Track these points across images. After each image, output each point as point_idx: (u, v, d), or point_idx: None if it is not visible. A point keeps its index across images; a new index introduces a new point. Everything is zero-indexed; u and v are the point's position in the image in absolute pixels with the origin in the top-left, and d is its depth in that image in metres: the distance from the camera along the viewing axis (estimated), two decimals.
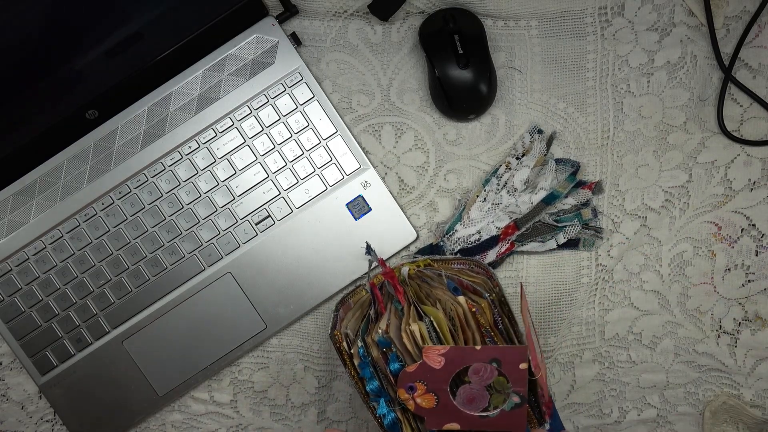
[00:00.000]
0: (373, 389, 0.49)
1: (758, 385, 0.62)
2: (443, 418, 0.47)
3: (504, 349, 0.46)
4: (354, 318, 0.52)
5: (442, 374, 0.46)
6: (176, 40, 0.59)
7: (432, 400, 0.47)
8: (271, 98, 0.61)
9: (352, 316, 0.53)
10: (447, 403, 0.47)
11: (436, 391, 0.47)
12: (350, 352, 0.50)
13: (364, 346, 0.48)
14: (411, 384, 0.47)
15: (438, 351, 0.46)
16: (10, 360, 0.63)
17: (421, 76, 0.62)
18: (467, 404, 0.47)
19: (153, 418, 0.64)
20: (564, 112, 0.62)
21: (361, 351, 0.48)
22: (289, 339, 0.63)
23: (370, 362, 0.49)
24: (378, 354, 0.48)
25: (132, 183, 0.61)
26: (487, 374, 0.46)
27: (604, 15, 0.61)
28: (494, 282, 0.52)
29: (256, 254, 0.61)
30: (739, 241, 0.61)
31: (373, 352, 0.48)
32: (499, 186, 0.60)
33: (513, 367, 0.46)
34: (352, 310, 0.54)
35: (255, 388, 0.64)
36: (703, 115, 0.61)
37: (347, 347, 0.50)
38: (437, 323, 0.47)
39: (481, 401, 0.47)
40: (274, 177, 0.61)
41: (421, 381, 0.47)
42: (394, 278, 0.51)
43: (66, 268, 0.61)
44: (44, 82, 0.56)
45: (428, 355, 0.46)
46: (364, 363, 0.49)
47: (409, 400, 0.47)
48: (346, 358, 0.50)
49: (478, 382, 0.47)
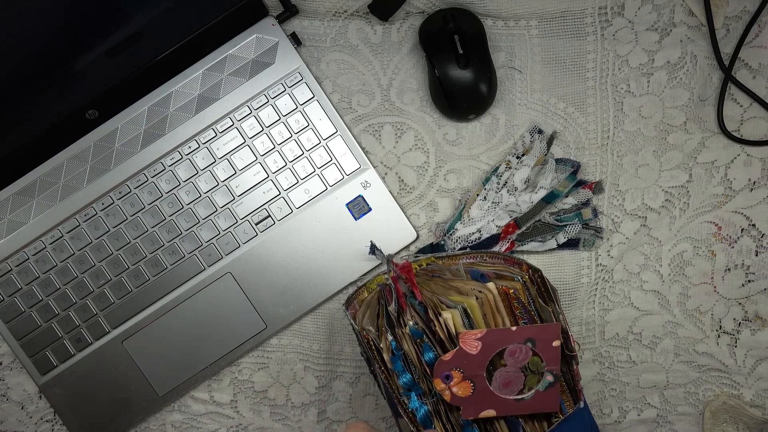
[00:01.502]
0: (405, 383, 0.48)
1: (758, 385, 0.62)
2: (479, 405, 0.47)
3: (538, 327, 0.47)
4: (366, 317, 0.52)
5: (479, 359, 0.46)
6: (176, 40, 0.59)
7: (468, 387, 0.47)
8: (271, 98, 0.61)
9: (362, 316, 0.53)
10: (483, 389, 0.47)
11: (473, 378, 0.46)
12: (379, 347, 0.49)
13: (395, 339, 0.48)
14: (447, 373, 0.46)
15: (475, 335, 0.46)
16: (10, 360, 0.63)
17: (421, 76, 0.62)
18: (504, 388, 0.47)
19: (153, 418, 0.64)
20: (564, 112, 0.62)
21: (393, 344, 0.48)
22: (289, 339, 0.63)
23: (402, 356, 0.48)
24: (410, 346, 0.48)
25: (132, 183, 0.61)
26: (522, 355, 0.46)
27: (604, 15, 0.61)
28: (523, 266, 0.52)
29: (256, 254, 0.61)
30: (739, 241, 0.61)
31: (405, 344, 0.48)
32: (499, 185, 0.60)
33: (547, 345, 0.47)
34: (360, 311, 0.54)
35: (255, 388, 0.64)
36: (703, 115, 0.61)
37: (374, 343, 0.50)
38: (470, 309, 0.47)
39: (517, 384, 0.47)
40: (274, 177, 0.61)
41: (457, 369, 0.46)
42: (410, 272, 0.51)
43: (66, 268, 0.61)
44: (44, 82, 0.56)
45: (465, 341, 0.46)
46: (396, 357, 0.48)
47: (445, 390, 0.46)
48: (375, 354, 0.49)
49: (514, 364, 0.47)
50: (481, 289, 0.49)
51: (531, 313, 0.49)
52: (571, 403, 0.50)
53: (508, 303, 0.49)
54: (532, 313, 0.49)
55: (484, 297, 0.48)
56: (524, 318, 0.48)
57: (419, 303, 0.49)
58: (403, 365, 0.48)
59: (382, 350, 0.49)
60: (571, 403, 0.50)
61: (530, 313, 0.49)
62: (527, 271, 0.51)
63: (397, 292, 0.50)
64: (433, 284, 0.52)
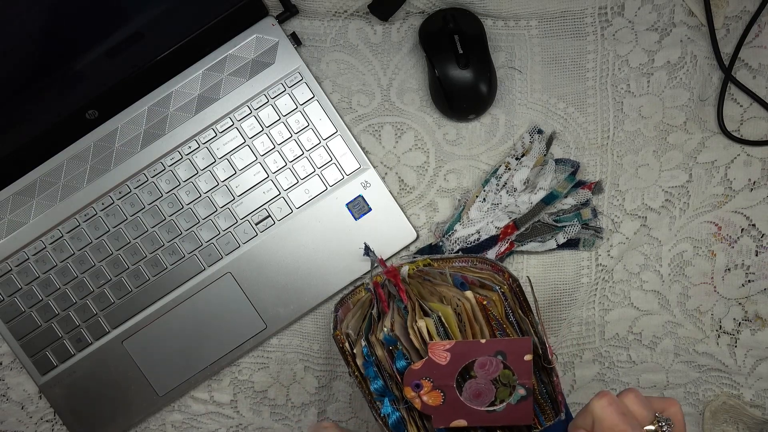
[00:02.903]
0: (377, 389, 0.48)
1: (758, 385, 0.62)
2: (450, 415, 0.47)
3: (509, 341, 0.46)
4: (354, 318, 0.52)
5: (448, 370, 0.46)
6: (176, 40, 0.59)
7: (439, 397, 0.47)
8: (271, 98, 0.61)
9: (352, 317, 0.53)
10: (454, 399, 0.47)
11: (443, 388, 0.46)
12: (353, 352, 0.50)
13: (368, 345, 0.48)
14: (417, 381, 0.46)
15: (443, 346, 0.46)
16: (10, 360, 0.63)
17: (421, 76, 0.62)
18: (474, 399, 0.47)
19: (153, 418, 0.64)
20: (564, 112, 0.62)
21: (365, 350, 0.48)
22: (289, 339, 0.63)
23: (374, 361, 0.49)
24: (383, 353, 0.48)
25: (132, 183, 0.61)
26: (492, 368, 0.46)
27: (604, 15, 0.61)
28: (505, 274, 0.52)
29: (256, 254, 0.61)
30: (739, 241, 0.61)
31: (377, 351, 0.48)
32: (498, 186, 0.60)
33: (518, 359, 0.46)
34: (351, 311, 0.54)
35: (255, 388, 0.64)
36: (703, 115, 0.61)
37: (350, 347, 0.50)
38: (445, 318, 0.47)
39: (488, 395, 0.47)
40: (274, 177, 0.61)
41: (427, 378, 0.46)
42: (396, 276, 0.51)
43: (66, 268, 0.61)
44: (44, 81, 0.56)
45: (434, 351, 0.46)
46: (368, 362, 0.49)
47: (415, 398, 0.47)
48: (349, 358, 0.50)
49: (484, 376, 0.47)
50: (460, 297, 0.48)
51: (504, 326, 0.48)
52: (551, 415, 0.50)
53: (484, 313, 0.48)
54: (504, 326, 0.48)
55: (462, 306, 0.48)
56: (499, 329, 0.48)
57: (404, 307, 0.49)
58: (375, 371, 0.48)
59: (356, 355, 0.49)
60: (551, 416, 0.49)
61: (503, 326, 0.48)
62: (508, 280, 0.51)
63: (379, 296, 0.51)
64: (423, 288, 0.52)
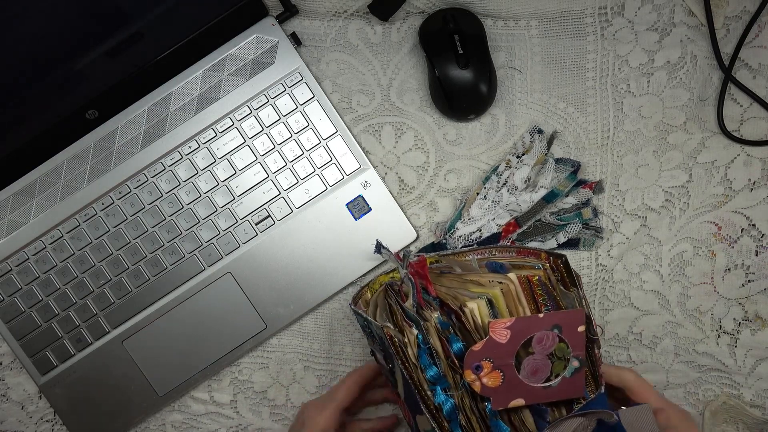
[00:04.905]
0: (432, 376, 0.47)
1: (758, 385, 0.62)
2: (509, 395, 0.46)
3: (564, 313, 0.46)
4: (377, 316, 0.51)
5: (508, 348, 0.46)
6: (176, 40, 0.59)
7: (498, 377, 0.46)
8: (271, 98, 0.61)
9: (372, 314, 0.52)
10: (512, 378, 0.46)
11: (502, 368, 0.46)
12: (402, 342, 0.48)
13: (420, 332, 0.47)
14: (478, 363, 0.45)
15: (504, 324, 0.45)
16: (10, 360, 0.63)
17: (421, 76, 0.62)
18: (532, 376, 0.46)
19: (153, 418, 0.64)
20: (564, 112, 0.62)
21: (419, 337, 0.47)
22: (289, 339, 0.63)
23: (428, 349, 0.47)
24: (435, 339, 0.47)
25: (132, 183, 0.61)
26: (549, 342, 0.46)
27: (604, 15, 0.61)
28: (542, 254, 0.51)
29: (256, 254, 0.61)
30: (739, 241, 0.61)
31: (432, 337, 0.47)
32: (499, 184, 0.60)
33: (572, 330, 0.46)
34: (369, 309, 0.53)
35: (255, 388, 0.64)
36: (703, 115, 0.61)
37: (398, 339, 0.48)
38: (495, 299, 0.47)
39: (545, 371, 0.47)
40: (274, 177, 0.61)
41: (487, 359, 0.46)
42: (425, 267, 0.50)
43: (66, 268, 0.61)
44: (44, 82, 0.56)
45: (494, 329, 0.45)
46: (422, 350, 0.47)
47: (475, 381, 0.46)
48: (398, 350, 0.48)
49: (541, 351, 0.46)
50: (502, 279, 0.48)
51: (556, 299, 0.48)
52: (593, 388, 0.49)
53: (530, 291, 0.48)
54: (557, 299, 0.48)
55: (506, 287, 0.48)
56: (548, 305, 0.48)
57: (433, 298, 0.49)
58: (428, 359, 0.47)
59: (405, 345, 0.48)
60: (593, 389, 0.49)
61: (555, 299, 0.48)
62: (547, 259, 0.51)
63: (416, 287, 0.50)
64: (445, 280, 0.51)
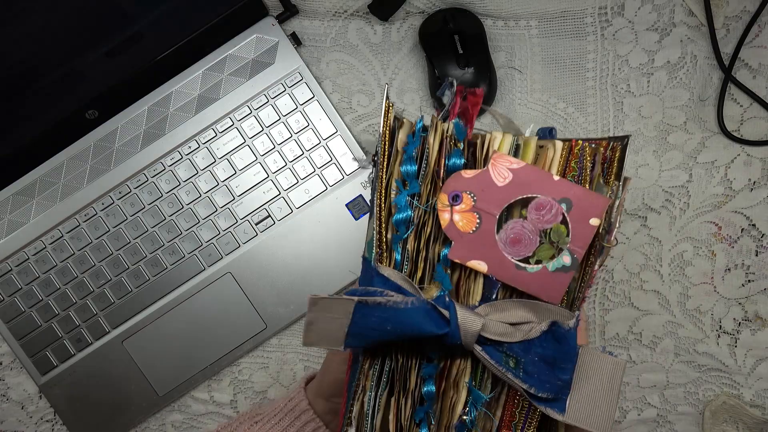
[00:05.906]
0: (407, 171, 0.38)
1: (758, 385, 0.62)
2: (472, 250, 0.38)
3: (584, 191, 0.37)
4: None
5: (501, 195, 0.38)
6: (176, 40, 0.59)
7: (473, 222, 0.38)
8: (271, 98, 0.61)
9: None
10: (486, 233, 0.38)
11: (482, 213, 0.38)
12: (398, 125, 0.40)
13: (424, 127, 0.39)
14: (458, 192, 0.38)
15: (510, 163, 0.38)
16: (10, 360, 0.63)
17: (421, 76, 0.62)
18: (510, 245, 0.38)
19: (153, 418, 0.64)
20: (564, 112, 0.62)
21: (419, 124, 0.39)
22: (289, 339, 0.63)
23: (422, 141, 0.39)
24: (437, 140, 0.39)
25: (132, 183, 0.61)
26: (550, 215, 0.37)
27: (604, 15, 0.61)
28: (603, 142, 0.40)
29: (256, 254, 0.61)
30: (739, 241, 0.61)
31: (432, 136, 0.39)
32: None
33: (582, 217, 0.37)
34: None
35: (255, 388, 0.64)
36: (703, 115, 0.61)
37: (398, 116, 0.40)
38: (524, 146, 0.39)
39: (526, 247, 0.38)
40: (274, 177, 0.61)
41: (471, 194, 0.38)
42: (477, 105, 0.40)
43: (66, 268, 0.61)
44: (44, 82, 0.56)
45: (496, 164, 0.37)
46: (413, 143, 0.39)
47: (445, 210, 0.38)
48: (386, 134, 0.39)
49: (535, 221, 0.38)
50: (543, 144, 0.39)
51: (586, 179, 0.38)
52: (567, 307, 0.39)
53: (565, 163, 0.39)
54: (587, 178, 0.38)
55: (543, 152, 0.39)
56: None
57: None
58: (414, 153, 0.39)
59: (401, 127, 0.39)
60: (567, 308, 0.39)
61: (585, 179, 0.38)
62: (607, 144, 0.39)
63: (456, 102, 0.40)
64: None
